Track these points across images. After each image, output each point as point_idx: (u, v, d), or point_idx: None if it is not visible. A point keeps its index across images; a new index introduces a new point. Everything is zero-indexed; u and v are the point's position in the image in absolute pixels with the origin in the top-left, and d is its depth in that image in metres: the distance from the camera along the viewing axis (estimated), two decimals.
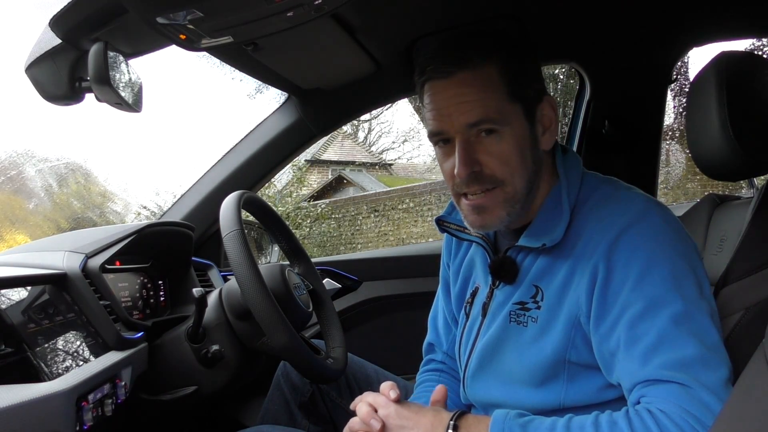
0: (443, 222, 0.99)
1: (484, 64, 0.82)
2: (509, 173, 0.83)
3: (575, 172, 0.88)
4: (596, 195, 0.85)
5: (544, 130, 0.88)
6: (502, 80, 0.82)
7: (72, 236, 1.24)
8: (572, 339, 0.81)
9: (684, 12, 1.21)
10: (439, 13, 1.18)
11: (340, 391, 1.25)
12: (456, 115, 0.82)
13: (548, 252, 0.84)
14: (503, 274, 0.89)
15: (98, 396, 0.89)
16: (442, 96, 0.84)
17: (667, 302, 0.74)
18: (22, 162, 7.36)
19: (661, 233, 0.79)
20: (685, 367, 0.71)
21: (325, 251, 9.63)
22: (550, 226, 0.84)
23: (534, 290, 0.86)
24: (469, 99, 0.81)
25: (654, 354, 0.72)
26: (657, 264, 0.76)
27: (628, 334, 0.75)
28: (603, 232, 0.79)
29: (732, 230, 0.91)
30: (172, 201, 1.72)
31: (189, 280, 1.41)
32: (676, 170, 6.94)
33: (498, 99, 0.82)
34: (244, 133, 1.65)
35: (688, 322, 0.73)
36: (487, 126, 0.82)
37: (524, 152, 0.84)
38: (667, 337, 0.72)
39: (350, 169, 15.69)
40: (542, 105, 0.87)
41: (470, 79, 0.82)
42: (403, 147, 22.53)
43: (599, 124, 1.44)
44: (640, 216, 0.79)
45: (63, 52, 0.99)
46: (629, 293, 0.76)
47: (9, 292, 0.92)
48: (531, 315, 0.85)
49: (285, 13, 0.81)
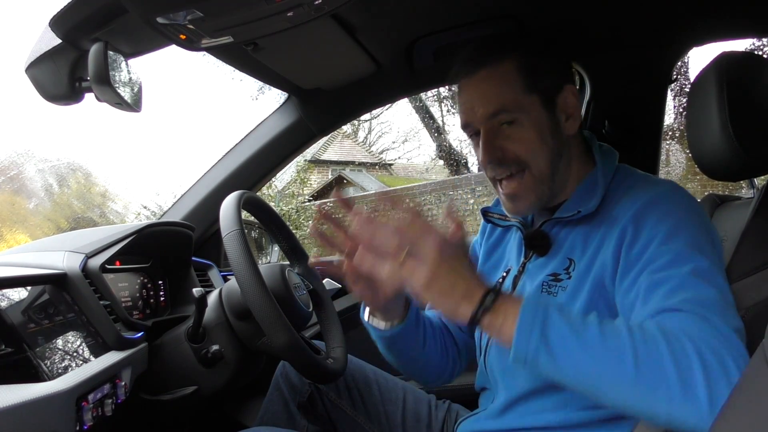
0: (488, 213, 1.09)
1: (503, 61, 0.92)
2: (531, 155, 0.91)
3: (611, 159, 0.96)
4: (629, 179, 0.92)
5: (567, 117, 0.95)
6: (519, 75, 0.91)
7: (72, 236, 1.24)
8: (595, 302, 0.84)
9: (684, 12, 1.21)
10: (439, 13, 1.18)
11: (338, 391, 1.25)
12: (478, 107, 0.92)
13: (582, 224, 0.90)
14: (536, 244, 0.95)
15: (98, 396, 0.89)
16: (467, 91, 0.94)
17: (692, 259, 0.75)
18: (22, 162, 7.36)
19: (690, 206, 0.84)
20: (704, 306, 0.70)
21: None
22: (585, 199, 0.91)
23: (567, 263, 0.90)
24: (489, 92, 0.92)
25: (676, 293, 0.72)
26: (684, 229, 0.79)
27: (650, 280, 0.76)
28: (633, 201, 0.85)
29: (732, 230, 0.91)
30: (173, 201, 1.72)
31: (189, 280, 1.41)
32: (676, 170, 6.94)
33: (515, 92, 0.91)
34: (245, 134, 1.65)
35: (711, 277, 0.74)
36: (505, 116, 0.91)
37: (544, 137, 0.92)
38: (688, 283, 0.73)
39: (350, 169, 15.70)
40: (563, 94, 0.94)
41: (489, 75, 0.92)
42: (403, 147, 22.52)
43: (599, 124, 1.44)
44: (669, 191, 0.85)
45: (63, 52, 0.99)
46: (655, 249, 0.78)
47: (9, 292, 0.92)
48: (562, 285, 0.89)
49: (285, 13, 0.81)
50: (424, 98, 10.82)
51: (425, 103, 10.83)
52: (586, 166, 0.97)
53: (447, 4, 1.14)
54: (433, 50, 1.31)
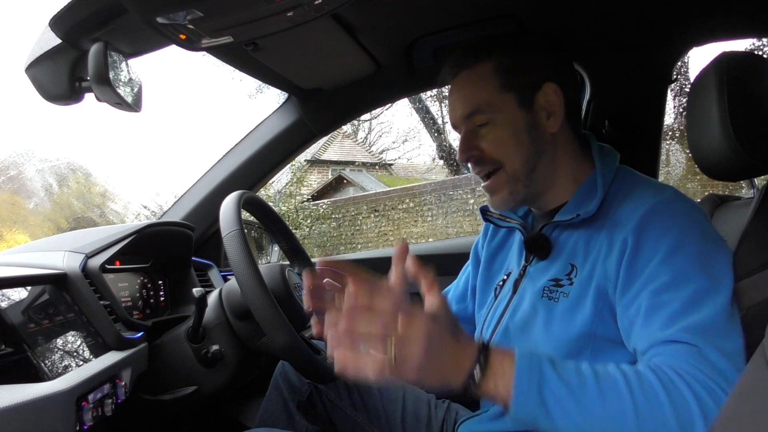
0: (487, 212, 1.08)
1: (480, 63, 0.94)
2: (505, 155, 0.93)
3: (611, 161, 0.95)
4: (630, 181, 0.91)
5: (548, 115, 0.94)
6: (495, 75, 0.93)
7: (72, 236, 1.24)
8: (600, 311, 0.83)
9: (684, 12, 1.21)
10: (439, 13, 1.18)
11: (338, 391, 1.25)
12: (456, 108, 0.96)
13: (584, 228, 0.89)
14: (536, 248, 0.95)
15: (98, 396, 0.89)
16: (451, 94, 0.98)
17: (694, 278, 0.75)
18: (22, 162, 7.36)
19: (692, 215, 0.83)
20: (702, 332, 0.71)
21: (325, 251, 9.64)
22: (585, 202, 0.90)
23: (569, 268, 0.89)
24: (466, 94, 0.95)
25: (675, 320, 0.73)
26: (687, 242, 0.78)
27: (651, 302, 0.76)
28: (635, 209, 0.84)
29: (732, 231, 0.91)
30: (173, 201, 1.72)
31: (189, 280, 1.41)
32: (676, 170, 6.94)
33: (488, 92, 0.93)
34: (245, 133, 1.65)
35: (712, 297, 0.74)
36: (479, 117, 0.93)
37: (519, 136, 0.93)
38: (690, 306, 0.73)
39: (350, 169, 15.69)
40: (543, 92, 0.93)
41: (467, 77, 0.95)
42: (403, 147, 22.55)
43: (599, 124, 1.44)
44: (671, 200, 0.84)
45: (63, 52, 0.99)
46: (657, 266, 0.78)
47: (9, 292, 0.92)
48: (563, 291, 0.88)
49: (285, 13, 0.81)
50: (424, 98, 10.83)
51: (425, 103, 10.83)
52: (585, 167, 0.96)
53: (447, 4, 1.14)
54: (433, 50, 1.31)
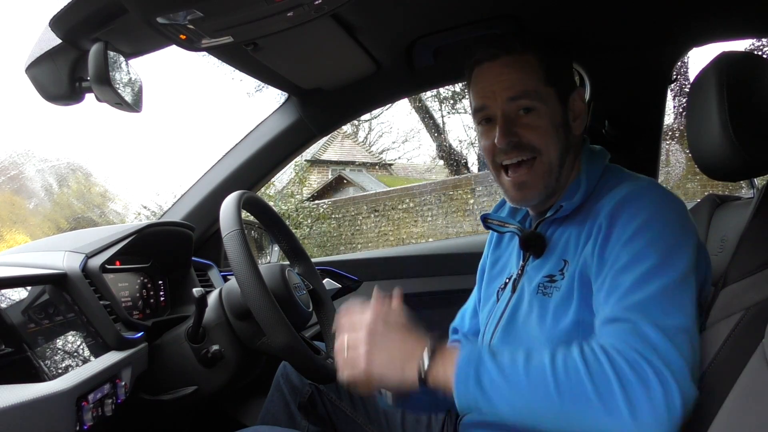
0: (488, 219, 1.09)
1: (525, 51, 0.95)
2: (545, 143, 0.94)
3: (598, 158, 0.98)
4: (615, 178, 0.93)
5: (574, 117, 0.98)
6: (540, 67, 0.95)
7: (72, 236, 1.24)
8: (585, 298, 0.86)
9: (684, 12, 1.21)
10: (439, 14, 1.18)
11: (339, 392, 1.25)
12: (499, 90, 0.94)
13: (574, 224, 0.92)
14: (531, 246, 0.97)
15: (98, 396, 0.89)
16: (488, 75, 0.96)
17: (648, 258, 0.78)
18: (22, 162, 7.37)
19: (663, 203, 0.85)
20: (642, 309, 0.74)
21: (325, 251, 9.63)
22: (569, 196, 0.94)
23: (563, 264, 0.91)
24: (512, 77, 0.94)
25: (622, 299, 0.77)
26: (651, 226, 0.81)
27: (611, 284, 0.79)
28: (611, 197, 0.87)
29: (732, 231, 0.91)
30: (173, 201, 1.72)
31: (189, 280, 1.41)
32: (676, 170, 6.93)
33: (535, 80, 0.94)
34: (244, 133, 1.65)
35: (660, 275, 0.76)
36: (525, 101, 0.93)
37: (558, 128, 0.95)
38: (637, 284, 0.77)
39: (350, 169, 15.68)
40: (574, 96, 0.99)
41: (512, 62, 0.95)
42: (403, 147, 22.48)
43: (599, 124, 1.44)
44: (644, 188, 0.87)
45: (63, 52, 0.99)
46: (620, 249, 0.81)
47: (9, 292, 0.92)
48: (556, 286, 0.90)
49: (285, 13, 0.81)
50: (424, 98, 10.83)
51: (425, 103, 10.84)
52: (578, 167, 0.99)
53: (447, 4, 1.14)
54: (433, 50, 1.31)
